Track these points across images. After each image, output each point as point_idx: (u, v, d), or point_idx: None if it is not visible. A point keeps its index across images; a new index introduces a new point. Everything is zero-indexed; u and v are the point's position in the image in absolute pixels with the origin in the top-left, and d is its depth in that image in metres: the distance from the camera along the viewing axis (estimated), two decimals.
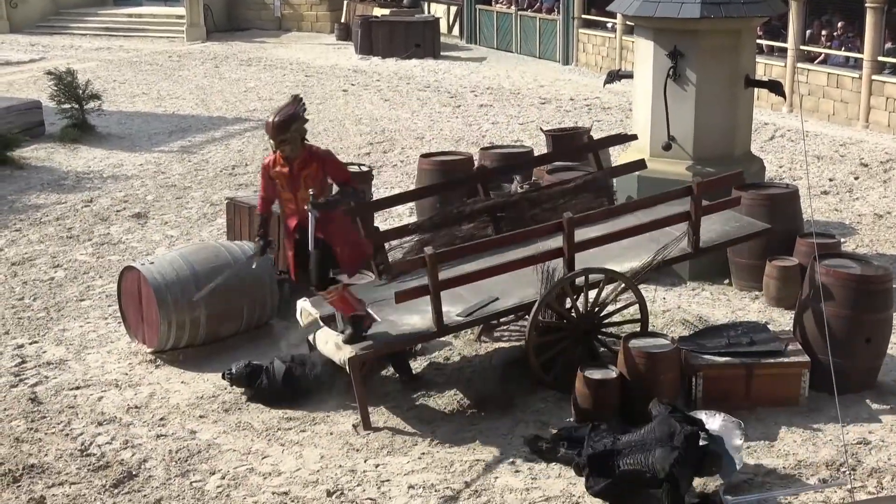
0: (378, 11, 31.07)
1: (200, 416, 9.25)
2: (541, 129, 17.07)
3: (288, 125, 8.63)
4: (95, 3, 36.04)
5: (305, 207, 8.67)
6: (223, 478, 8.21)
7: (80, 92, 20.02)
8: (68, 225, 14.83)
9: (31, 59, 29.10)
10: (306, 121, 8.81)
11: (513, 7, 29.18)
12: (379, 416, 9.13)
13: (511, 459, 8.35)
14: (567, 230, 9.30)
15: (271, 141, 8.76)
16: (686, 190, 10.00)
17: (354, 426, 8.97)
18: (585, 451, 7.84)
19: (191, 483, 8.17)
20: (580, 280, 9.35)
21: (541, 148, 15.66)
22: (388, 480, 8.15)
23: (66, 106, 20.04)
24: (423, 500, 7.89)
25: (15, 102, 20.58)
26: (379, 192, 14.52)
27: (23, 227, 14.73)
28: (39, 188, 16.71)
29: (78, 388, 9.84)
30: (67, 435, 8.97)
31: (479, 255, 9.80)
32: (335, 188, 9.24)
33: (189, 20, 32.77)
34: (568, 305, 9.50)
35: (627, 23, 21.55)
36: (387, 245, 10.44)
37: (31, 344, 10.91)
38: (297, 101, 8.81)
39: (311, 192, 8.61)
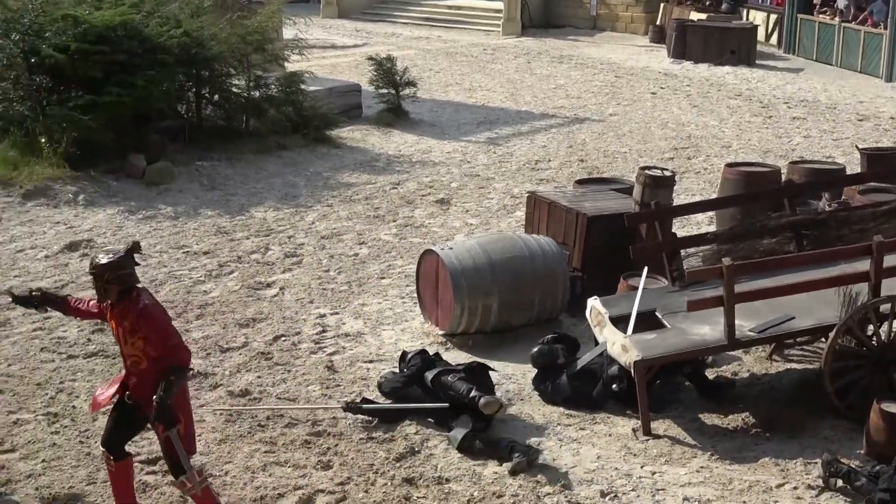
0: (695, 16, 30.60)
1: None
2: (856, 146, 16.34)
3: (102, 269, 6.98)
4: None
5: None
6: (500, 465, 8.35)
7: (398, 78, 20.84)
8: (376, 205, 15.46)
9: (354, 44, 30.46)
10: (128, 272, 7.01)
11: (836, 18, 28.02)
12: (660, 423, 9.04)
13: (794, 485, 8.07)
14: (876, 254, 8.89)
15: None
16: None
17: (634, 431, 8.92)
18: (886, 484, 7.43)
19: (469, 466, 8.35)
20: (885, 307, 8.92)
21: (854, 167, 15.01)
22: (663, 489, 8.06)
23: (384, 91, 20.92)
24: None
25: (337, 84, 21.67)
26: (679, 198, 14.32)
27: (334, 204, 15.48)
28: (352, 168, 17.51)
29: (371, 361, 10.27)
30: None
31: (777, 272, 9.52)
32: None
33: (506, 15, 33.34)
34: (869, 333, 9.08)
35: None
36: (683, 252, 10.31)
37: (332, 314, 11.47)
38: (130, 248, 7.15)
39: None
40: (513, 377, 9.93)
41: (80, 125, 15.51)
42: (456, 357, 10.27)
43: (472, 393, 8.77)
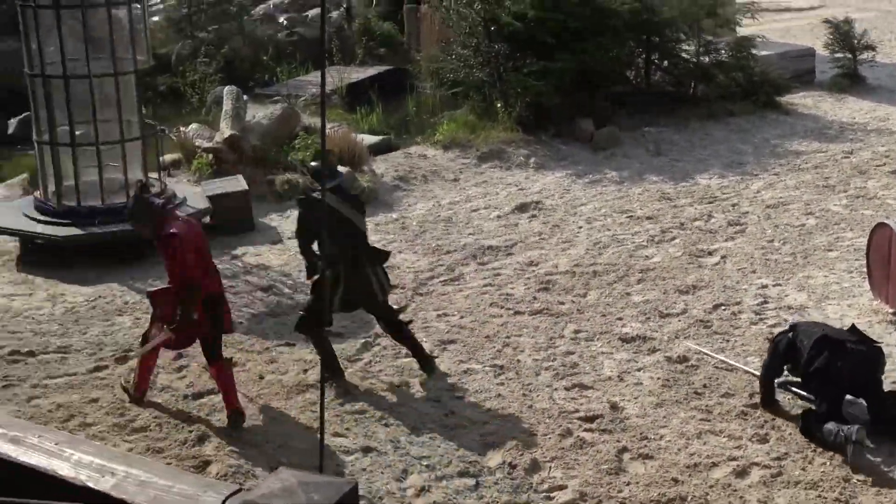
0: None
1: None
2: None
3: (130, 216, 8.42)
4: None
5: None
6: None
7: (855, 42, 19.87)
8: (826, 174, 14.90)
9: (809, 7, 29.33)
10: (152, 210, 8.13)
11: None
12: None
13: None
14: None
15: None
16: None
17: None
18: None
19: None
20: None
21: None
22: None
23: (839, 55, 20.03)
24: None
25: (790, 48, 21.02)
26: None
27: (781, 172, 15.08)
28: (802, 135, 16.94)
29: None
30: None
31: None
32: None
33: None
34: None
35: None
36: None
37: (774, 286, 11.22)
38: (139, 192, 8.39)
39: None
40: None
41: (533, 90, 16.11)
42: None
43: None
